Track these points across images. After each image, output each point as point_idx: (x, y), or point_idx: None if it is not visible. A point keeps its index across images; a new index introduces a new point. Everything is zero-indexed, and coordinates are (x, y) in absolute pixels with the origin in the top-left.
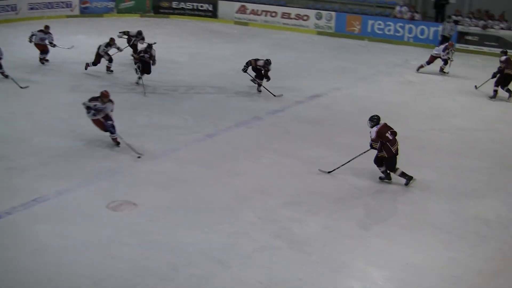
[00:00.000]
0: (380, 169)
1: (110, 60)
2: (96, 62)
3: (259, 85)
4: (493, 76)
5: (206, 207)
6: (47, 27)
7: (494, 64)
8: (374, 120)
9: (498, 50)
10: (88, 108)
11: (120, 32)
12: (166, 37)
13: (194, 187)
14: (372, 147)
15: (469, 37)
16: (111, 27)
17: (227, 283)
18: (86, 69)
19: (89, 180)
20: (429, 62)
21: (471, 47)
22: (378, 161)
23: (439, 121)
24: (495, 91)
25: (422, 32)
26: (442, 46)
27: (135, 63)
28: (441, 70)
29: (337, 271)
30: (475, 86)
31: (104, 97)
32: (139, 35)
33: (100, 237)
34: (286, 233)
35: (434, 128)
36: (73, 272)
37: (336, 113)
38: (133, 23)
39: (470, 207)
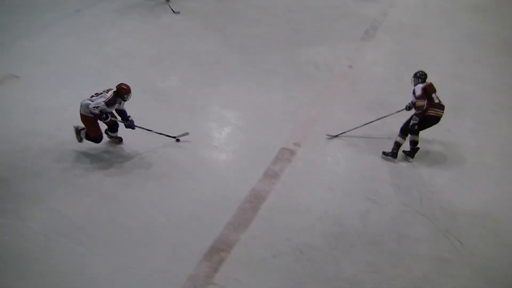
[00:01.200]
0: (397, 140)
1: None
2: None
3: None
4: None
5: (81, 73)
6: None
7: None
8: (422, 76)
9: None
10: (102, 113)
11: None
12: None
13: (68, 56)
14: (416, 106)
15: None
16: None
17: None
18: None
19: None
20: None
21: None
22: (413, 127)
23: None
24: None
25: None
26: None
27: None
28: None
29: (196, 115)
30: None
31: (126, 93)
32: None
33: None
34: (152, 88)
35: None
36: None
37: None
38: None
39: (302, 54)
